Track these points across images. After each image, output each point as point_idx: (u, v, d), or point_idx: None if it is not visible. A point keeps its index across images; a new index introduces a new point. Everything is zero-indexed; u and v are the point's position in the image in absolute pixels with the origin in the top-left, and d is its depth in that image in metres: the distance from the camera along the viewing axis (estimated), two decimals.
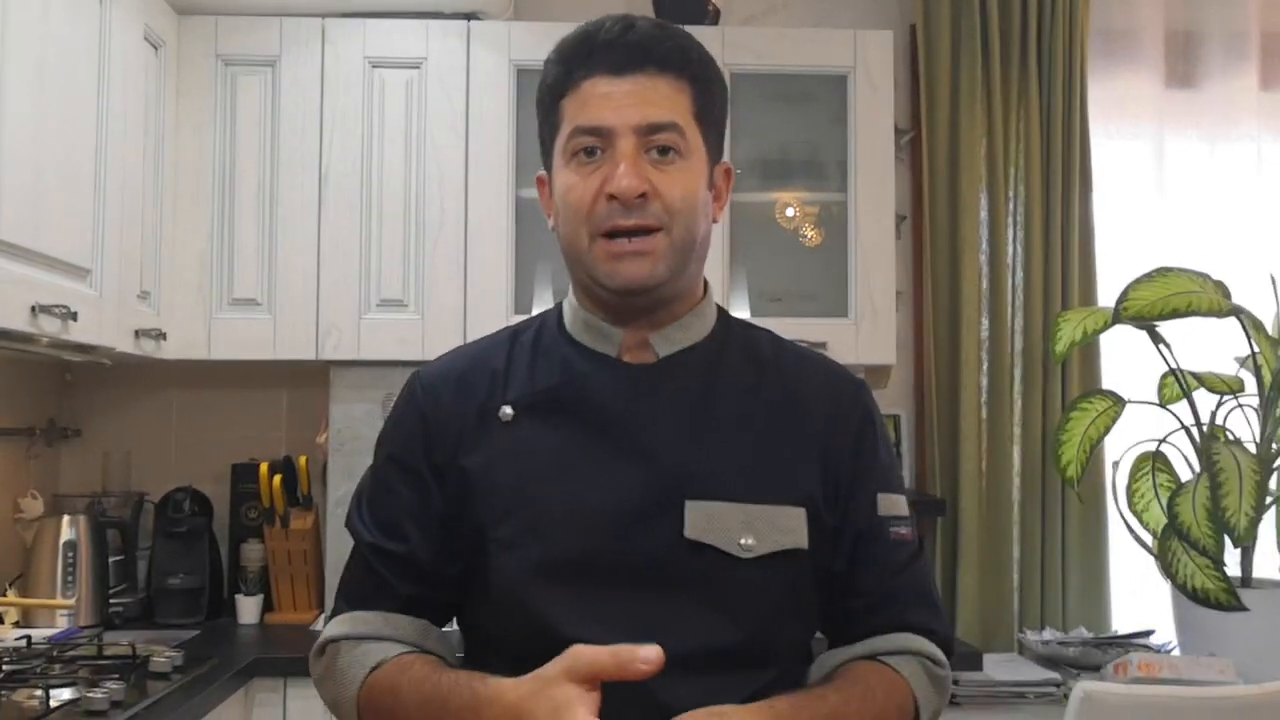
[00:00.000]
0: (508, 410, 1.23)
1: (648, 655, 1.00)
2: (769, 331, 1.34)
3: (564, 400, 1.23)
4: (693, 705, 1.10)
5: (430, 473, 1.24)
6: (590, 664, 1.02)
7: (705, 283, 1.31)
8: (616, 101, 1.18)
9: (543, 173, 1.30)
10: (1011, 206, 3.09)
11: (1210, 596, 2.47)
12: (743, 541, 1.16)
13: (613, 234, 1.18)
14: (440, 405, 1.25)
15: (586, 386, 1.23)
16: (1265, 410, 2.63)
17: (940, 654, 1.24)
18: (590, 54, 1.21)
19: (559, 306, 1.32)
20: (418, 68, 2.78)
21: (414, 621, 1.24)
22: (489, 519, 1.20)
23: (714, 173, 1.26)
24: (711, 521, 1.16)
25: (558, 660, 1.04)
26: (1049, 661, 2.68)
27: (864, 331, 2.82)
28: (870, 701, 1.16)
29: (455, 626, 1.31)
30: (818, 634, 1.29)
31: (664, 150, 1.19)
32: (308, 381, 2.98)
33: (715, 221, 1.27)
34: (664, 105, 1.19)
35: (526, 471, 1.20)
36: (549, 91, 1.25)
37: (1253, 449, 2.60)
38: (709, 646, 1.15)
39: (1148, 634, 2.74)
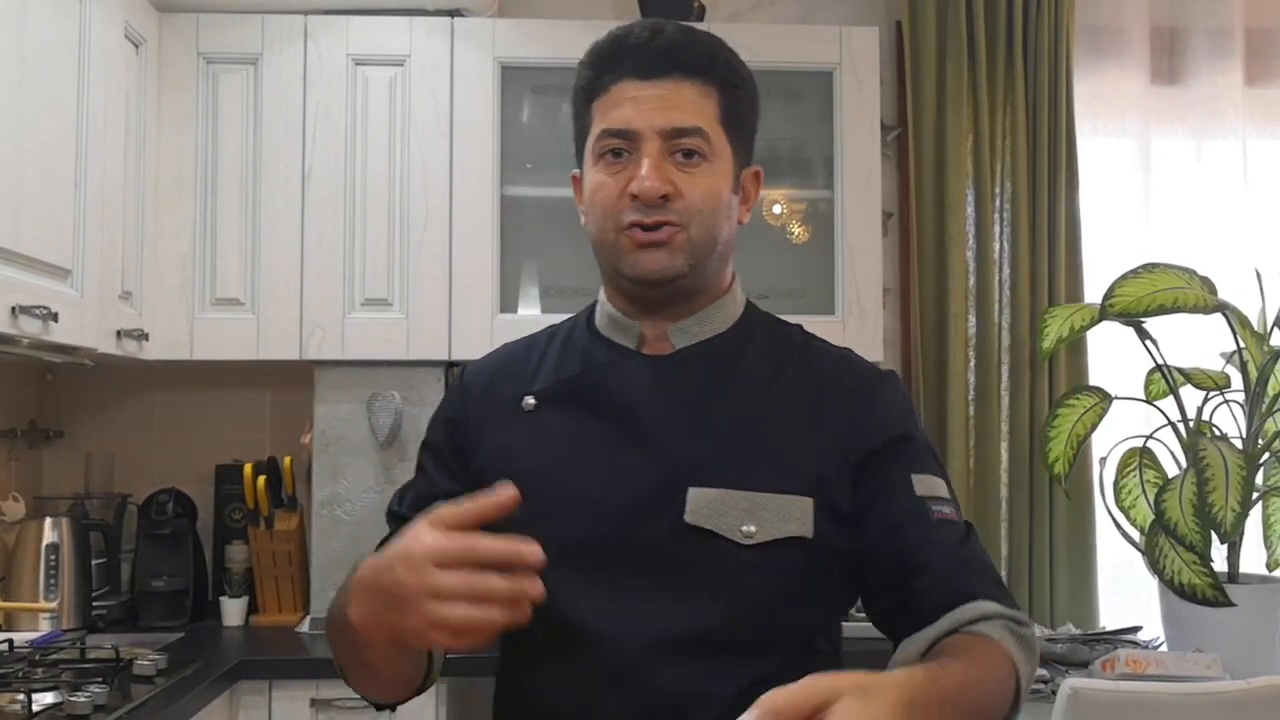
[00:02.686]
0: (530, 400, 1.29)
1: (531, 550, 0.97)
2: (799, 327, 1.38)
3: (582, 390, 1.28)
4: (688, 689, 1.14)
5: (455, 458, 1.31)
6: (453, 516, 0.99)
7: (734, 277, 1.36)
8: (643, 105, 1.23)
9: (576, 171, 1.34)
10: (998, 203, 3.09)
11: (1197, 592, 2.47)
12: (744, 528, 1.19)
13: (634, 227, 1.24)
14: (472, 398, 1.34)
15: (603, 377, 1.28)
16: (1251, 406, 2.63)
17: (1022, 614, 1.18)
18: (619, 59, 1.25)
19: (593, 304, 1.38)
20: (401, 65, 2.76)
21: None
22: None
23: (741, 175, 1.31)
24: (713, 508, 1.19)
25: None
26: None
27: (851, 329, 2.82)
28: (983, 667, 1.09)
29: None
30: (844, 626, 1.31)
31: (688, 154, 1.23)
32: (292, 381, 2.96)
33: (742, 222, 1.32)
34: (689, 110, 1.23)
35: (543, 458, 1.25)
36: (580, 95, 1.30)
37: (1239, 445, 2.61)
38: (705, 631, 1.18)
39: (1135, 630, 2.74)
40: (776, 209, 2.90)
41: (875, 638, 1.26)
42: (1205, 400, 2.69)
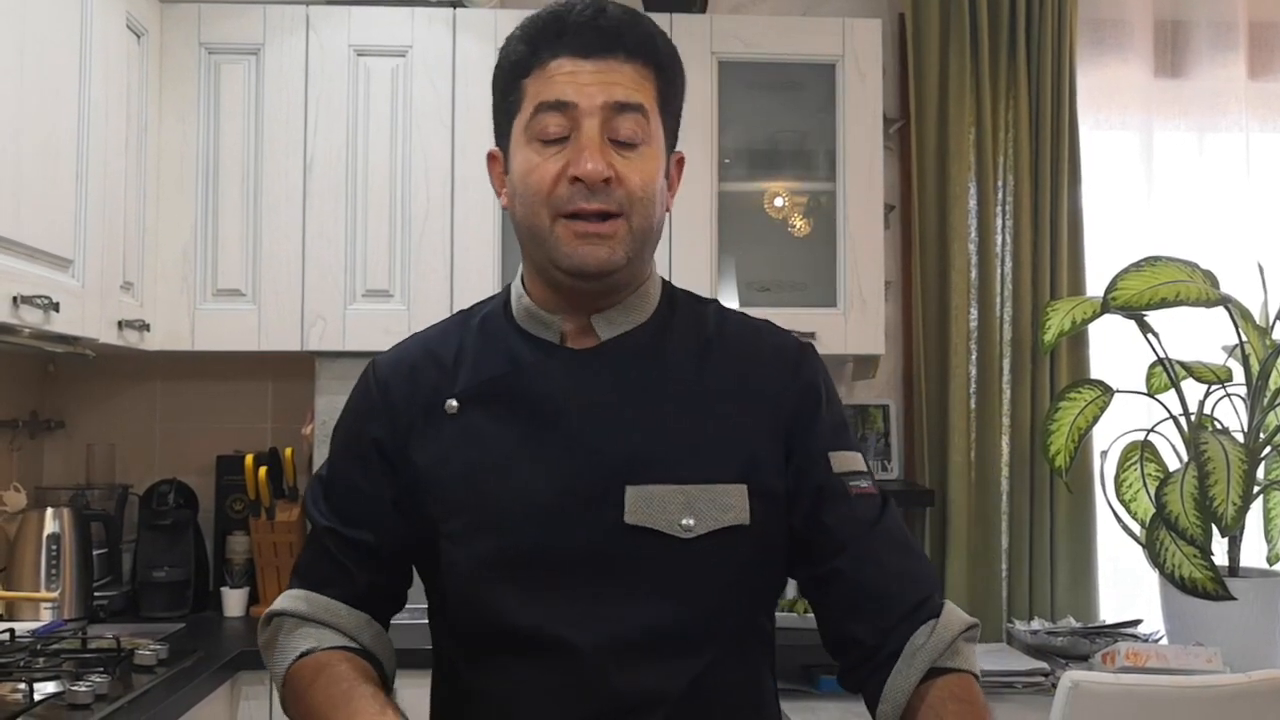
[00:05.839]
0: (453, 403, 1.25)
1: None
2: (715, 302, 1.35)
3: (508, 391, 1.24)
4: (641, 688, 1.15)
5: (383, 463, 1.27)
6: None
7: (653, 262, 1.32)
8: (583, 80, 1.19)
9: (495, 149, 1.29)
10: (1000, 196, 3.08)
11: (1198, 586, 2.48)
12: (683, 522, 1.18)
13: (575, 216, 1.18)
14: (391, 397, 1.28)
15: (529, 376, 1.24)
16: (1253, 400, 2.63)
17: (965, 617, 1.23)
18: (559, 35, 1.21)
19: (507, 289, 1.32)
20: (403, 56, 2.76)
21: (356, 615, 1.27)
22: (439, 513, 1.22)
23: (669, 162, 1.27)
24: (651, 505, 1.18)
25: None
26: (1037, 651, 2.67)
27: (853, 321, 2.82)
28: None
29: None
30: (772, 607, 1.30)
31: (625, 143, 1.19)
32: (293, 372, 2.96)
33: (668, 210, 1.27)
34: (630, 87, 1.20)
35: (473, 465, 1.22)
36: (511, 70, 1.24)
37: (1240, 438, 2.61)
38: (655, 629, 1.18)
39: (1135, 623, 2.74)
40: (778, 202, 2.90)
41: (803, 629, 1.28)
42: (1207, 394, 2.68)
